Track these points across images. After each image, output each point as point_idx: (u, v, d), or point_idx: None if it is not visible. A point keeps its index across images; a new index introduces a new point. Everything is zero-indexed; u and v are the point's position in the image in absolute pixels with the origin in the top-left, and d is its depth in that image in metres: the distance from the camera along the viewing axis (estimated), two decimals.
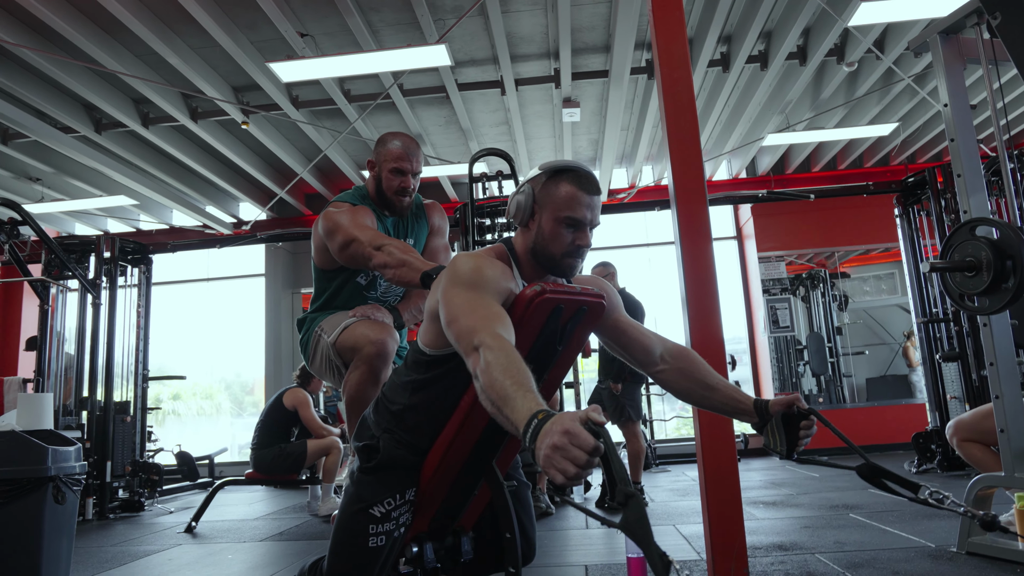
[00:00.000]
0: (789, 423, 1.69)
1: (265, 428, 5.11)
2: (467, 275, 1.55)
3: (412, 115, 6.67)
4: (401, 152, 2.49)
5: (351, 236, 2.32)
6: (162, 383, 9.58)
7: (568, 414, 1.13)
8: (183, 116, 6.23)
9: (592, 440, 1.10)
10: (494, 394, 1.28)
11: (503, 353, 1.33)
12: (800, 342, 8.47)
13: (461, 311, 1.48)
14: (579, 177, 1.67)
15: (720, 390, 1.80)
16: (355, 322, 2.33)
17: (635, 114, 7.24)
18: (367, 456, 1.77)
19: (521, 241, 1.74)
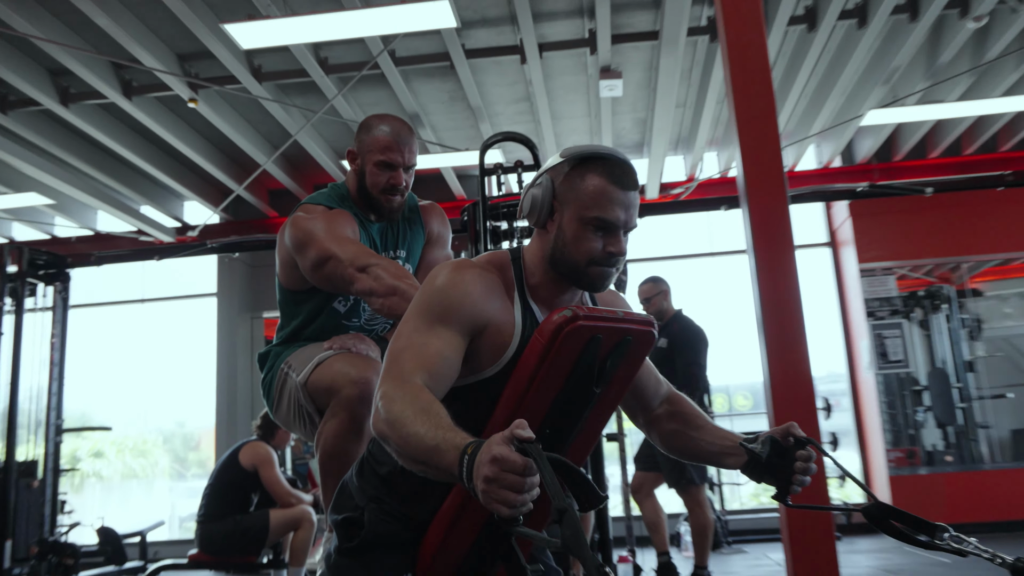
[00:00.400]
0: (783, 456, 1.75)
1: (216, 494, 5.13)
2: (429, 295, 1.64)
3: (407, 90, 6.75)
4: (390, 140, 2.50)
5: (327, 252, 2.32)
6: (81, 436, 9.67)
7: (495, 438, 1.27)
8: (113, 92, 6.34)
9: (521, 460, 1.23)
10: (413, 451, 1.41)
11: (410, 399, 1.46)
12: (918, 381, 8.37)
13: (398, 345, 1.60)
14: (611, 167, 1.68)
15: (707, 429, 1.90)
16: (332, 356, 2.34)
17: (694, 86, 7.26)
18: (348, 533, 1.77)
19: (537, 247, 1.76)
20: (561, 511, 1.21)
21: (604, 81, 6.50)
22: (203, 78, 6.45)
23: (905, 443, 8.13)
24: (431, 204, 2.76)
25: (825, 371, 8.81)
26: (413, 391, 1.48)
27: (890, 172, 8.46)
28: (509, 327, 1.69)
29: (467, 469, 1.29)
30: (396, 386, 1.51)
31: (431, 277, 1.67)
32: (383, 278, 2.22)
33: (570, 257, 1.69)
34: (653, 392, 1.96)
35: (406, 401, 1.46)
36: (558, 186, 1.71)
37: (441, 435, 1.36)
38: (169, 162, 8.07)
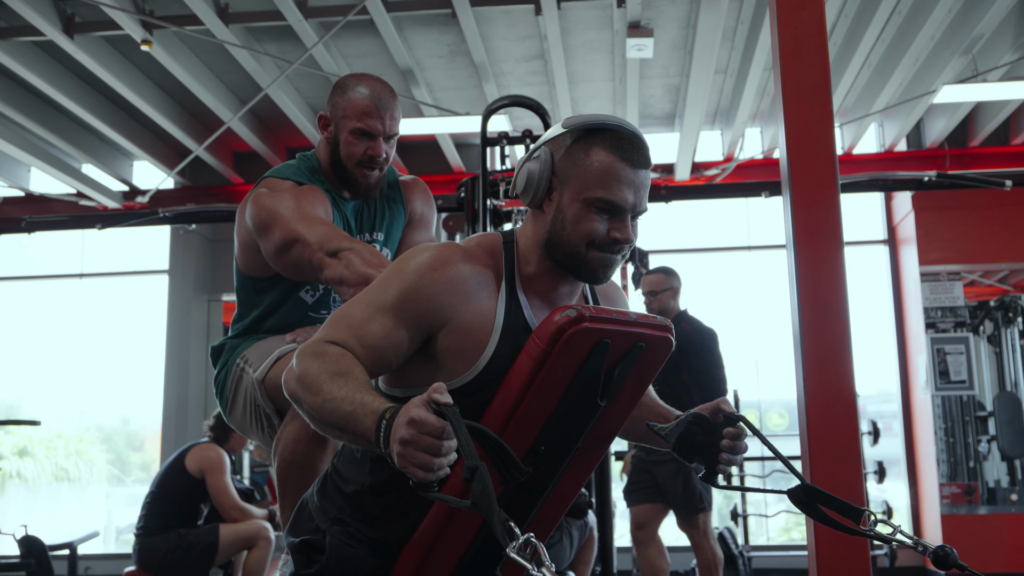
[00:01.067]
0: (710, 434, 1.83)
1: (158, 503, 5.16)
2: (396, 279, 1.70)
3: (400, 41, 6.74)
4: (368, 104, 2.49)
5: (294, 234, 2.32)
6: (4, 430, 9.71)
7: (413, 401, 1.39)
8: (52, 28, 6.33)
9: (439, 422, 1.36)
10: (328, 415, 1.53)
11: (331, 359, 1.58)
12: (983, 406, 8.37)
13: (343, 310, 1.71)
14: (620, 141, 1.69)
15: (645, 405, 1.98)
16: (294, 349, 2.35)
17: (737, 50, 7.25)
18: (306, 558, 1.79)
19: (531, 230, 1.77)
20: (472, 469, 1.33)
21: (632, 39, 6.49)
22: (159, 16, 6.44)
23: (963, 477, 8.13)
24: (414, 180, 2.78)
25: (875, 390, 8.83)
26: (334, 353, 1.59)
27: (964, 160, 8.44)
28: (486, 325, 1.70)
29: (384, 434, 1.41)
30: (318, 346, 1.61)
31: (407, 256, 1.72)
32: (355, 265, 2.21)
33: (568, 241, 1.70)
34: None
35: (324, 361, 1.57)
36: (558, 161, 1.72)
37: (359, 399, 1.48)
38: (117, 114, 8.07)
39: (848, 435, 2.61)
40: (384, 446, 1.41)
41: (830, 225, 2.86)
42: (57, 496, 10.10)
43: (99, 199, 9.01)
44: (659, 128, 8.75)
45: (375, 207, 2.64)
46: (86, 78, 7.47)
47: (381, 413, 1.43)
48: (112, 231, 7.99)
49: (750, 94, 7.43)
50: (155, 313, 9.31)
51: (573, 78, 7.57)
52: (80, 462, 10.03)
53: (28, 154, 8.10)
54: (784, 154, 2.97)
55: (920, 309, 8.27)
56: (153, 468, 9.39)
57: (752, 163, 8.59)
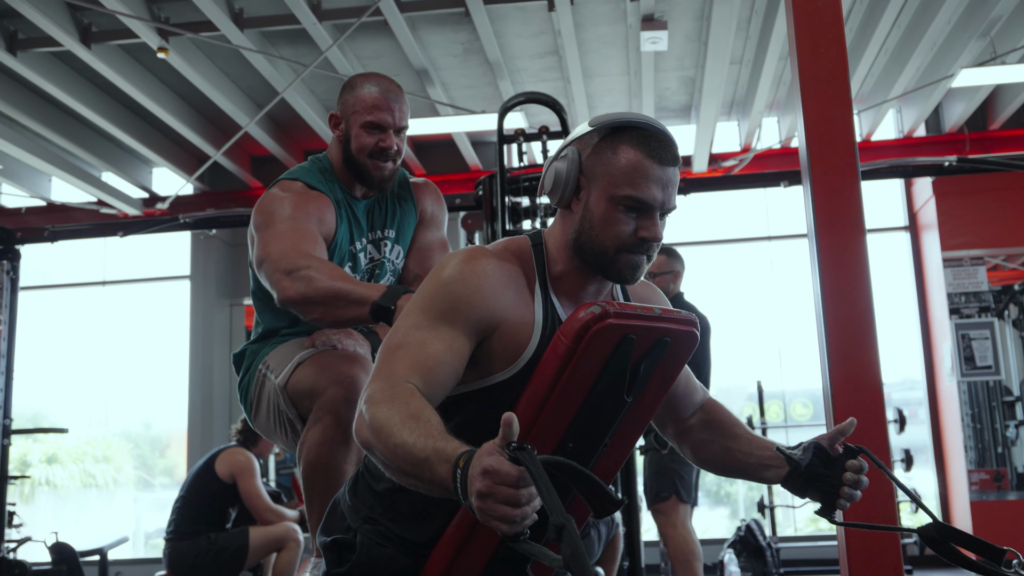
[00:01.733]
0: (829, 467, 1.77)
1: (188, 508, 5.19)
2: (434, 289, 1.67)
3: (414, 40, 6.76)
4: (378, 98, 2.55)
5: (264, 250, 2.35)
6: (33, 439, 9.78)
7: (485, 447, 1.31)
8: (69, 38, 6.38)
9: (515, 470, 1.26)
10: (402, 463, 1.45)
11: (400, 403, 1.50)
12: (1010, 391, 8.32)
13: (392, 342, 1.65)
14: (647, 138, 1.69)
15: (743, 438, 1.95)
16: (314, 354, 2.37)
17: (752, 39, 7.23)
18: (338, 557, 1.80)
19: (559, 231, 1.77)
20: (559, 528, 1.22)
21: (646, 32, 6.48)
22: (175, 23, 6.48)
23: (991, 463, 8.09)
24: (424, 182, 2.80)
25: (899, 377, 8.79)
26: (403, 395, 1.52)
27: (985, 144, 8.40)
28: (527, 326, 1.70)
29: (461, 484, 1.32)
30: (384, 388, 1.55)
31: (439, 267, 1.70)
32: (317, 281, 2.21)
33: (597, 242, 1.70)
34: (686, 400, 2.00)
35: (394, 405, 1.49)
36: (585, 160, 1.72)
37: (432, 445, 1.40)
38: (135, 122, 8.13)
39: (875, 424, 2.61)
40: (463, 498, 1.32)
41: (851, 213, 2.85)
42: (86, 502, 10.18)
43: (120, 207, 9.07)
44: (675, 120, 8.73)
45: (386, 206, 2.66)
46: (104, 87, 7.52)
47: (455, 461, 1.34)
48: (133, 238, 8.02)
49: (766, 84, 7.41)
50: (178, 318, 9.36)
51: (588, 73, 7.56)
52: (106, 469, 10.10)
53: (49, 164, 8.17)
54: (803, 143, 2.96)
55: (943, 295, 8.22)
56: (179, 473, 9.45)
57: (770, 153, 8.56)
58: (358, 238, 2.58)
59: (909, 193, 8.92)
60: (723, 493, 9.40)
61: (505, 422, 1.29)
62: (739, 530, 7.14)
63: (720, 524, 9.03)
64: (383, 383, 1.56)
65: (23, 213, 9.37)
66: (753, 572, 6.77)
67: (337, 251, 2.52)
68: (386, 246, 2.65)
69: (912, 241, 8.84)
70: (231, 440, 5.45)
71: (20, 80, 7.33)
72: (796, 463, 1.79)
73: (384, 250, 2.64)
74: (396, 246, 2.68)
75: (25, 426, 7.98)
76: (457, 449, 1.36)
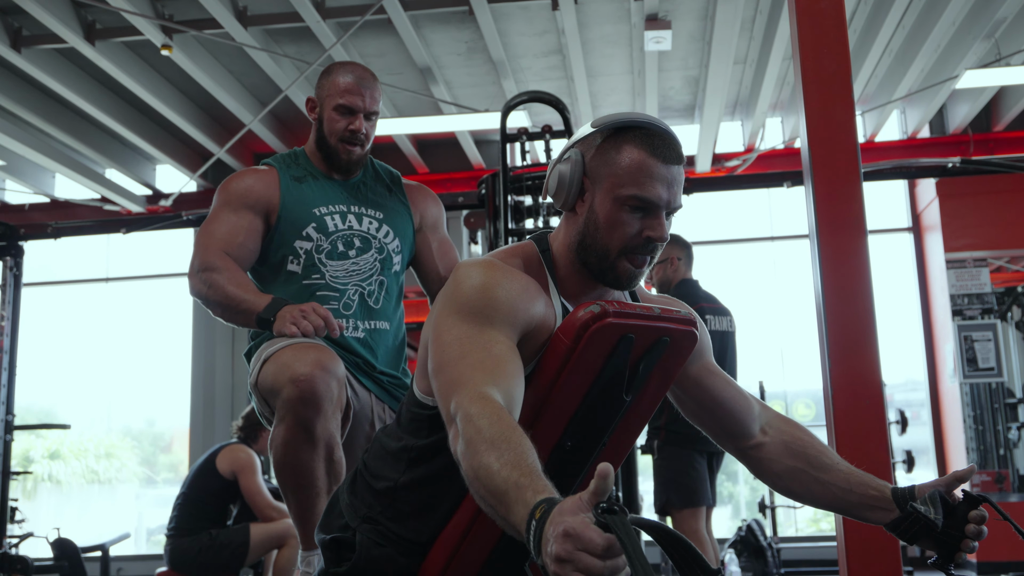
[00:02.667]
0: (949, 515, 1.69)
1: (189, 504, 5.19)
2: (468, 297, 1.61)
3: (417, 39, 6.76)
4: (350, 83, 2.68)
5: (195, 240, 2.62)
6: (35, 434, 9.80)
7: (569, 503, 1.15)
8: (74, 35, 6.39)
9: (600, 539, 1.09)
10: (481, 487, 1.33)
11: (487, 422, 1.38)
12: (1013, 393, 8.31)
13: (448, 356, 1.56)
14: (651, 137, 1.69)
15: (841, 472, 1.85)
16: (283, 348, 2.35)
17: (756, 39, 7.22)
18: (336, 556, 1.80)
19: (564, 234, 1.77)
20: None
21: (650, 32, 6.48)
22: (178, 20, 6.49)
23: (994, 465, 8.07)
24: (417, 184, 2.91)
25: (902, 378, 8.78)
26: (493, 411, 1.41)
27: (989, 145, 8.39)
28: (548, 325, 1.70)
29: (535, 538, 1.17)
30: (473, 402, 1.43)
31: (459, 279, 1.65)
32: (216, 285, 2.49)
33: (601, 244, 1.70)
34: (742, 413, 1.92)
35: (483, 421, 1.39)
36: (589, 161, 1.72)
37: (514, 480, 1.27)
38: (138, 119, 8.14)
39: (875, 424, 2.61)
40: (536, 554, 1.17)
41: (853, 214, 2.85)
42: (88, 498, 10.20)
43: (123, 203, 9.08)
44: (679, 120, 8.72)
45: (367, 192, 2.76)
46: (108, 84, 7.53)
47: (532, 509, 1.20)
48: (136, 235, 8.03)
49: (770, 84, 7.41)
50: (180, 315, 9.37)
51: (592, 72, 7.56)
52: (109, 465, 10.12)
53: (53, 160, 8.18)
54: (805, 144, 2.96)
55: (946, 296, 8.21)
56: (181, 469, 9.47)
57: (773, 153, 8.56)
58: (326, 203, 2.67)
59: (913, 194, 8.91)
60: (725, 493, 9.40)
61: (600, 474, 1.13)
62: (740, 530, 7.14)
63: (721, 524, 9.02)
64: (469, 396, 1.45)
65: (27, 209, 9.39)
66: (754, 572, 6.77)
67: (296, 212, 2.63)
68: (372, 224, 2.70)
69: (915, 242, 8.84)
70: (232, 437, 5.45)
71: (24, 77, 7.34)
72: (928, 522, 1.67)
73: (368, 225, 2.70)
74: (385, 227, 2.72)
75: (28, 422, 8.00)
76: (537, 494, 1.22)
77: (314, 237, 2.61)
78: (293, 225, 2.61)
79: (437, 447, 1.72)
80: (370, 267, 2.65)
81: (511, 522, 1.26)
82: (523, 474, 1.27)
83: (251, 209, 2.61)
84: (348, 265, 2.63)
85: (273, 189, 2.64)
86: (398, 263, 2.73)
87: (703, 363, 1.91)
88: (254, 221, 2.61)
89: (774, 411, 1.96)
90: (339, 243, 2.63)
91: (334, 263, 2.62)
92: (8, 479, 6.37)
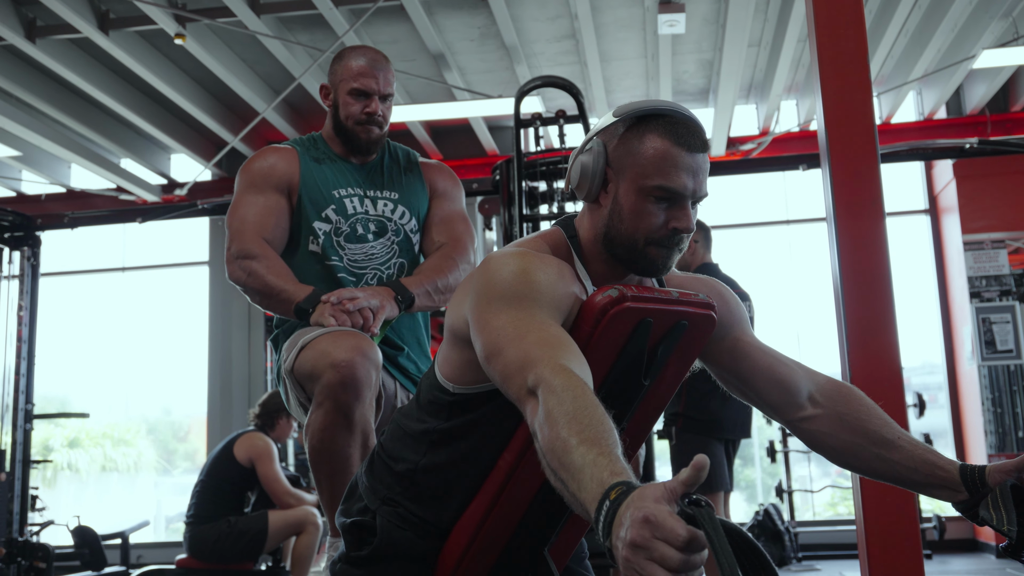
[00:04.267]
0: (1021, 500, 1.65)
1: (207, 492, 5.23)
2: (509, 283, 1.58)
3: (430, 25, 6.75)
4: (363, 66, 2.70)
5: (228, 222, 2.65)
6: (54, 423, 9.87)
7: (652, 489, 1.09)
8: (87, 25, 6.40)
9: (683, 530, 1.04)
10: (555, 460, 1.27)
11: (570, 395, 1.33)
12: None
13: (506, 338, 1.50)
14: (674, 125, 1.67)
15: (904, 448, 1.78)
16: (318, 336, 2.38)
17: (771, 21, 7.18)
18: (357, 539, 1.81)
19: (588, 223, 1.76)
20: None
21: (664, 15, 6.45)
22: (192, 9, 6.50)
23: (1012, 447, 8.05)
24: (437, 163, 2.94)
25: (919, 361, 8.75)
26: (576, 384, 1.36)
27: (1006, 125, 8.32)
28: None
29: (606, 520, 1.12)
30: (556, 374, 1.38)
31: (493, 268, 1.62)
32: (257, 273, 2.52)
33: (627, 235, 1.69)
34: (786, 382, 1.86)
35: (566, 394, 1.34)
36: (611, 151, 1.70)
37: (591, 458, 1.21)
38: (153, 108, 8.15)
39: (894, 408, 2.59)
40: (604, 535, 1.12)
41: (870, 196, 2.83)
42: (107, 487, 10.28)
43: (139, 193, 9.11)
44: (693, 104, 8.69)
45: (385, 174, 2.79)
46: (122, 73, 7.55)
47: (607, 489, 1.14)
48: (152, 224, 8.08)
49: (785, 66, 7.37)
50: (197, 304, 9.41)
51: (605, 56, 7.53)
52: (127, 453, 10.19)
53: (68, 151, 8.21)
54: (822, 126, 2.95)
55: (964, 278, 8.18)
56: (199, 457, 9.52)
57: (788, 136, 8.52)
58: (345, 186, 2.70)
59: (929, 176, 8.86)
60: (741, 478, 9.40)
61: (696, 465, 1.08)
62: (757, 515, 7.16)
63: (738, 508, 9.02)
64: (549, 367, 1.40)
65: (43, 200, 9.43)
66: (771, 556, 6.78)
67: (316, 192, 2.67)
68: (387, 206, 2.73)
69: (932, 224, 8.79)
70: (249, 425, 5.48)
71: (39, 67, 7.37)
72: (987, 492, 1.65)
73: (383, 208, 2.72)
74: (400, 207, 2.75)
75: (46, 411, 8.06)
76: (615, 475, 1.16)
77: (333, 219, 2.65)
78: (313, 205, 2.65)
79: (460, 430, 1.73)
80: (387, 251, 2.68)
81: (580, 499, 1.20)
82: (602, 453, 1.22)
83: (276, 188, 2.65)
84: (367, 248, 2.66)
85: (294, 167, 2.68)
86: (417, 243, 2.76)
87: (736, 335, 1.87)
88: (280, 201, 2.65)
89: (825, 377, 1.88)
90: (357, 226, 2.67)
91: (352, 246, 2.66)
92: (29, 468, 6.43)
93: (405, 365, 2.65)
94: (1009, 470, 1.66)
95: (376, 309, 2.45)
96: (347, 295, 2.44)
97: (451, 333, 1.71)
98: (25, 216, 6.66)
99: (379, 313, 2.46)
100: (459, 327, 1.67)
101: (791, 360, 1.89)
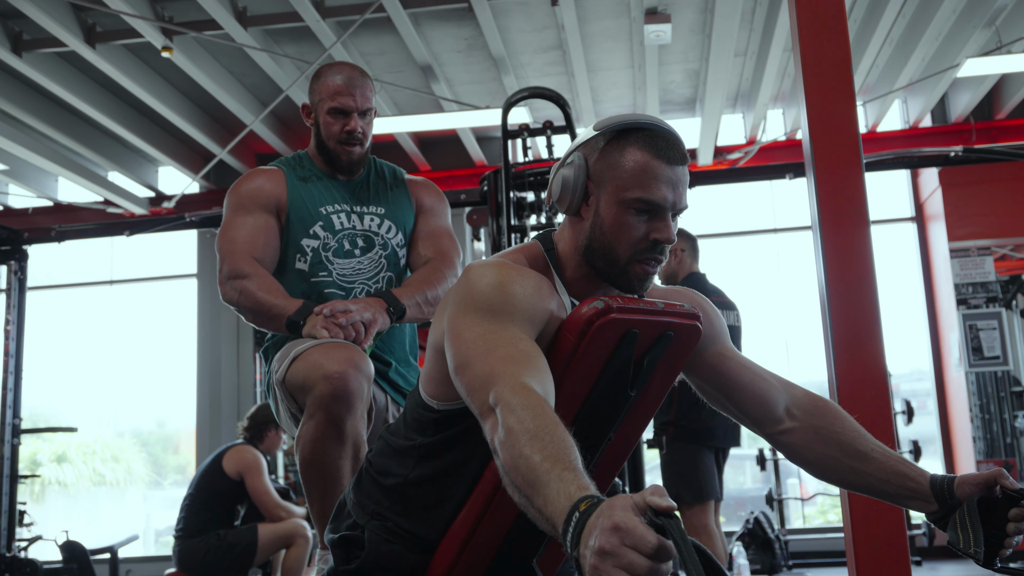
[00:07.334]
0: (990, 513, 1.67)
1: (196, 506, 5.21)
2: (485, 295, 1.59)
3: (417, 36, 6.76)
4: (340, 85, 2.70)
5: (218, 245, 2.65)
6: (43, 438, 9.82)
7: (620, 500, 1.10)
8: (74, 38, 6.40)
9: (653, 538, 1.06)
10: (519, 477, 1.28)
11: (529, 413, 1.34)
12: (1019, 381, 8.31)
13: (474, 351, 1.52)
14: (654, 138, 1.68)
15: (877, 460, 1.79)
16: (310, 347, 2.38)
17: (756, 31, 7.22)
18: (346, 553, 1.81)
19: (569, 237, 1.77)
20: None
21: (650, 26, 6.48)
22: (178, 22, 6.50)
23: (1000, 453, 8.07)
24: (422, 179, 2.95)
25: (907, 368, 8.78)
26: (535, 402, 1.37)
27: (991, 133, 8.37)
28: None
29: (574, 530, 1.13)
30: (515, 392, 1.39)
31: (472, 279, 1.63)
32: (248, 292, 2.53)
33: (609, 249, 1.69)
34: (764, 396, 1.88)
35: (525, 412, 1.35)
36: (592, 164, 1.71)
37: (556, 473, 1.22)
38: (140, 121, 8.15)
39: (881, 415, 2.60)
40: (571, 547, 1.13)
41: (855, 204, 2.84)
42: (96, 501, 10.22)
43: (126, 206, 9.10)
44: (680, 114, 8.72)
45: (370, 189, 2.80)
46: (109, 87, 7.54)
47: (575, 501, 1.15)
48: (140, 237, 8.05)
49: (771, 75, 7.40)
50: (185, 317, 9.39)
51: (592, 67, 7.56)
52: (116, 467, 10.15)
53: (55, 164, 8.19)
54: (806, 135, 2.96)
55: (951, 285, 8.21)
56: (189, 471, 9.48)
57: (775, 145, 8.56)
58: (332, 202, 2.72)
59: (915, 184, 8.90)
60: (731, 486, 9.41)
61: (655, 489, 1.11)
62: (747, 523, 7.15)
63: (729, 517, 9.03)
64: (508, 386, 1.41)
65: (30, 213, 9.40)
66: (762, 564, 6.78)
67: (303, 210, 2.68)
68: (373, 221, 2.74)
69: (919, 232, 8.83)
70: (238, 438, 5.47)
71: (25, 81, 7.35)
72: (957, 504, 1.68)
73: (370, 223, 2.73)
74: (387, 222, 2.77)
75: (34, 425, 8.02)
76: (583, 489, 1.18)
77: (321, 235, 2.66)
78: (301, 223, 2.66)
79: (446, 443, 1.73)
80: (375, 266, 2.69)
81: (547, 514, 1.20)
82: (567, 468, 1.23)
83: (264, 209, 2.66)
84: (354, 264, 2.67)
85: (281, 188, 2.68)
86: (403, 256, 2.77)
87: (717, 349, 1.88)
88: (269, 220, 2.66)
89: (802, 390, 1.90)
90: (345, 241, 2.68)
91: (341, 261, 2.67)
92: (16, 483, 6.39)
93: (395, 379, 2.65)
94: (978, 483, 1.68)
95: (368, 323, 2.46)
96: (340, 307, 2.44)
97: (433, 349, 1.71)
98: (12, 230, 6.63)
99: (371, 327, 2.46)
100: (439, 341, 1.67)
101: (770, 374, 1.90)
